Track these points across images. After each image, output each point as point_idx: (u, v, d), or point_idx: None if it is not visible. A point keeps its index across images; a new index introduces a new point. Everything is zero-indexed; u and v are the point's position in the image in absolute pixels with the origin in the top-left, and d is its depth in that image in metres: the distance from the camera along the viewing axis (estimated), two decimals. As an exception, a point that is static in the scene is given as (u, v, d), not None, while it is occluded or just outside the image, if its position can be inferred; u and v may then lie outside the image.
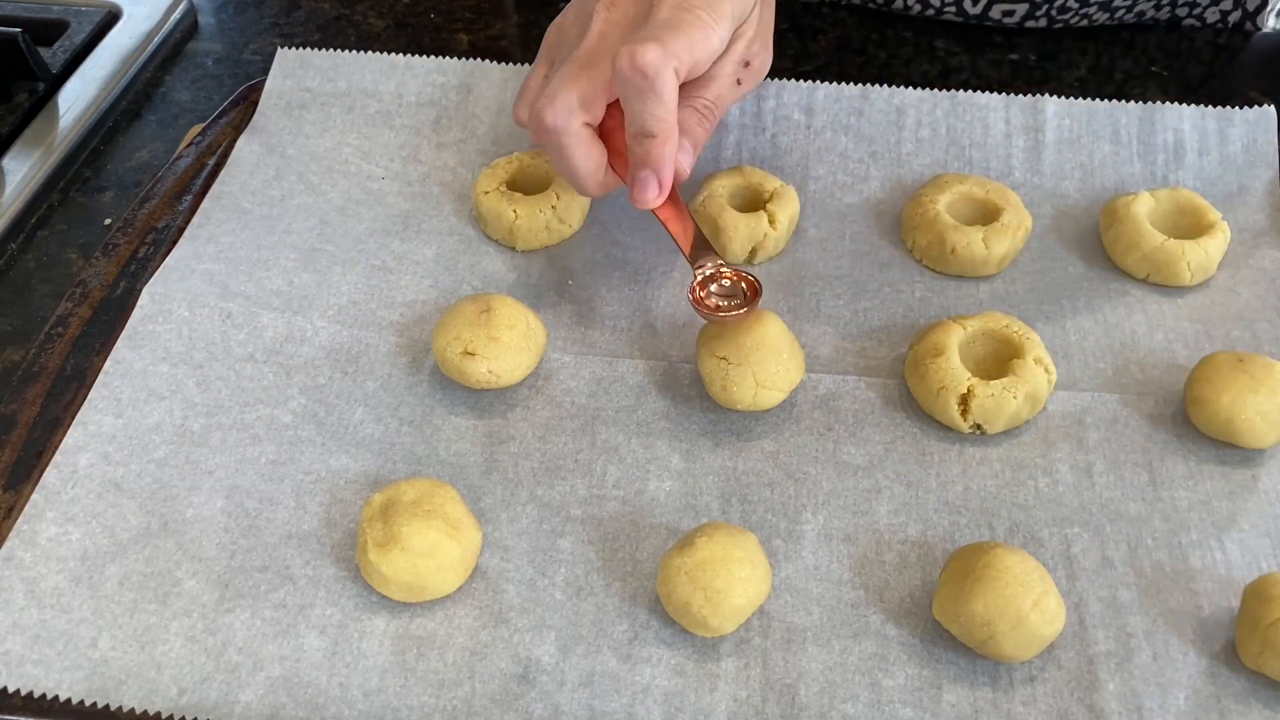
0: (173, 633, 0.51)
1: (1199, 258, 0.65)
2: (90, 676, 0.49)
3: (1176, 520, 0.56)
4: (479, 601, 0.53)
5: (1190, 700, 0.49)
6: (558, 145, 0.57)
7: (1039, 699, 0.49)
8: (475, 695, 0.50)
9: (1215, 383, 0.57)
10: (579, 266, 0.68)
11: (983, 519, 0.56)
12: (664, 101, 0.54)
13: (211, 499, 0.56)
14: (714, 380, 0.58)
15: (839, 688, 0.50)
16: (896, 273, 0.68)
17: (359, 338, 0.63)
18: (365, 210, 0.71)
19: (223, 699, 0.49)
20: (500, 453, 0.59)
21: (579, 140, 0.57)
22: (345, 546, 0.55)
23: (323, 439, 0.59)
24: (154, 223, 0.69)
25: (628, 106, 0.55)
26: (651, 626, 0.52)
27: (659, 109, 0.54)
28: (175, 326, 0.62)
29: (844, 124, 0.74)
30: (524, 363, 0.60)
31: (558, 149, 0.58)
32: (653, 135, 0.55)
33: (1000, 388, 0.58)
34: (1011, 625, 0.48)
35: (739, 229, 0.67)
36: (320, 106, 0.75)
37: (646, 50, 0.53)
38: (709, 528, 0.52)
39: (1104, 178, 0.72)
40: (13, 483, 0.56)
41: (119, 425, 0.58)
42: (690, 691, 0.50)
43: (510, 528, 0.56)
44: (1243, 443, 0.57)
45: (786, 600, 0.53)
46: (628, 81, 0.54)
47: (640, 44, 0.53)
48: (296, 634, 0.51)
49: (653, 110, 0.55)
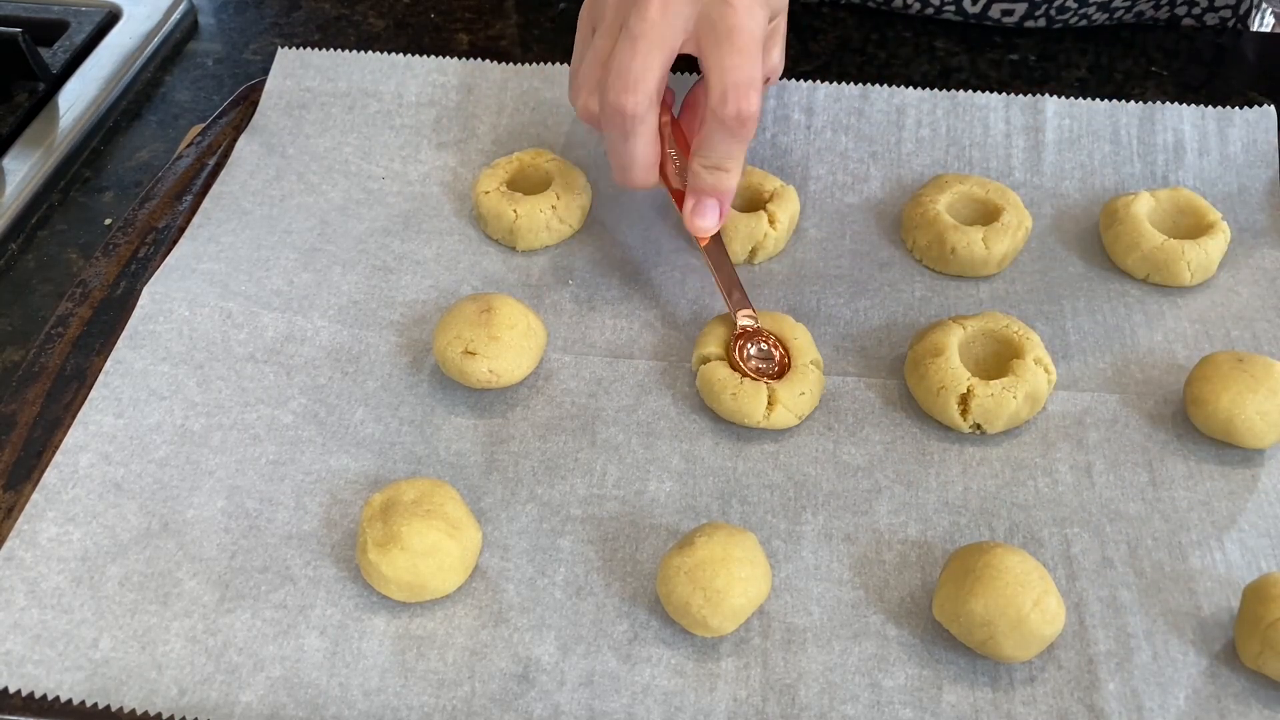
0: (173, 633, 0.51)
1: (1199, 258, 0.65)
2: (91, 677, 0.49)
3: (1176, 520, 0.56)
4: (479, 601, 0.53)
5: (1190, 700, 0.49)
6: (627, 132, 0.55)
7: (1039, 699, 0.49)
8: (475, 695, 0.50)
9: (1215, 383, 0.57)
10: (579, 266, 0.68)
11: (982, 519, 0.56)
12: (747, 143, 0.55)
13: (212, 499, 0.56)
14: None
15: (839, 688, 0.50)
16: (896, 273, 0.68)
17: (359, 337, 0.63)
18: (365, 210, 0.71)
19: (223, 699, 0.49)
20: (500, 452, 0.59)
21: (650, 130, 0.56)
22: (345, 547, 0.55)
23: (323, 439, 0.59)
24: (154, 222, 0.69)
25: (711, 139, 0.55)
26: (651, 626, 0.52)
27: (742, 149, 0.55)
28: (176, 326, 0.62)
29: (844, 124, 0.74)
30: (524, 362, 0.60)
31: (625, 136, 0.56)
32: (727, 170, 0.56)
33: (1000, 388, 0.58)
34: (1011, 625, 0.48)
35: (739, 229, 0.67)
36: (320, 106, 0.75)
37: (753, 99, 0.53)
38: (709, 528, 0.52)
39: (1104, 178, 0.72)
40: (13, 483, 0.56)
41: (119, 425, 0.58)
42: (690, 691, 0.50)
43: (510, 527, 0.56)
44: (1242, 443, 0.57)
45: (786, 600, 0.53)
46: (724, 124, 0.54)
47: (746, 90, 0.53)
48: (297, 634, 0.51)
49: (737, 151, 0.55)
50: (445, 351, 0.59)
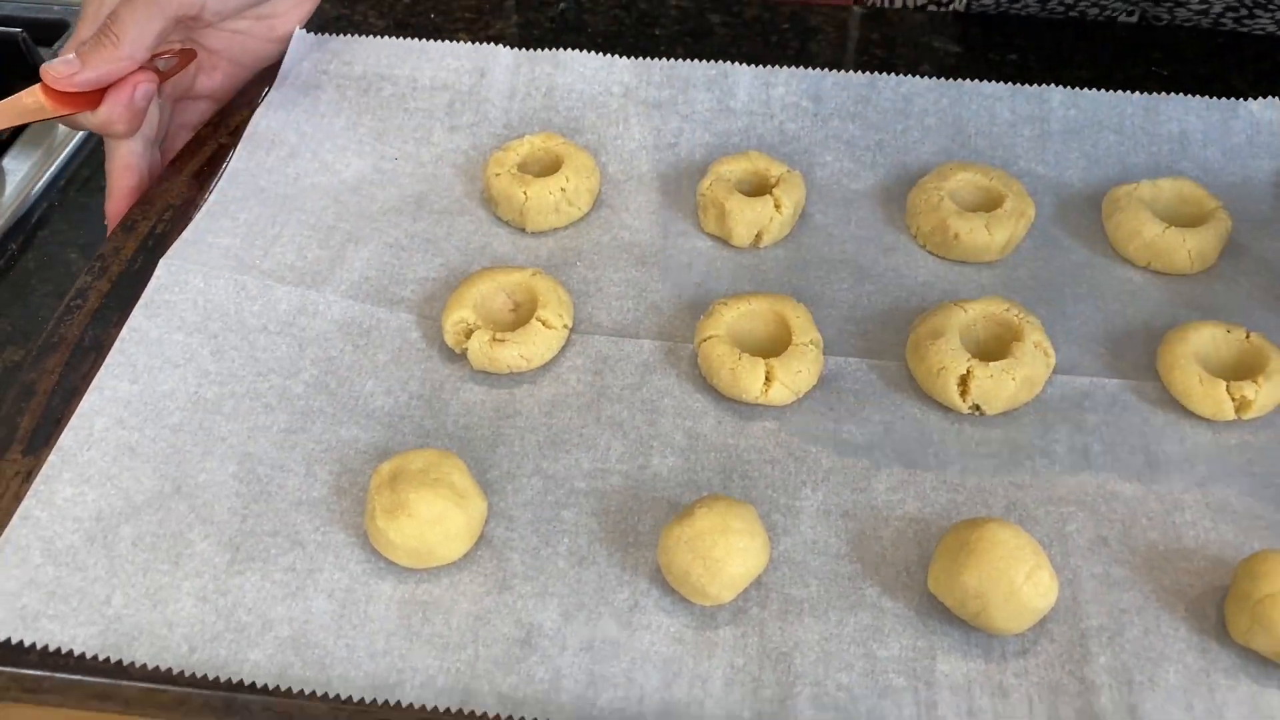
0: (184, 592, 0.52)
1: (1199, 245, 0.66)
2: (104, 632, 0.51)
3: (1171, 501, 0.56)
4: (484, 569, 0.54)
5: (1180, 674, 0.50)
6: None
7: (1031, 671, 0.50)
8: (479, 658, 0.51)
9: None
10: (587, 247, 0.69)
11: (979, 497, 0.57)
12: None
13: (224, 465, 0.57)
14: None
15: (834, 657, 0.51)
16: (900, 258, 0.69)
17: (371, 313, 0.64)
18: (378, 190, 0.72)
19: (232, 657, 0.50)
20: (507, 427, 0.60)
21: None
22: (354, 514, 0.56)
23: (334, 410, 0.60)
24: (171, 199, 0.70)
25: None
26: (652, 595, 0.53)
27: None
28: (190, 297, 0.63)
29: (851, 112, 0.75)
30: (554, 346, 0.62)
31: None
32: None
33: (999, 369, 0.59)
34: (1004, 597, 0.49)
35: (744, 212, 0.68)
36: (335, 88, 0.76)
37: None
38: (709, 499, 0.53)
39: (1108, 167, 0.72)
40: (32, 448, 0.58)
41: (134, 391, 0.59)
42: (688, 658, 0.51)
43: (515, 499, 0.57)
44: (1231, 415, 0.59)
45: (784, 572, 0.54)
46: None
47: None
48: (305, 596, 0.53)
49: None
50: (474, 343, 0.61)
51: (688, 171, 0.73)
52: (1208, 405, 0.58)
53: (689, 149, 0.74)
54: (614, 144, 0.74)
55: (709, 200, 0.69)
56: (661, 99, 0.75)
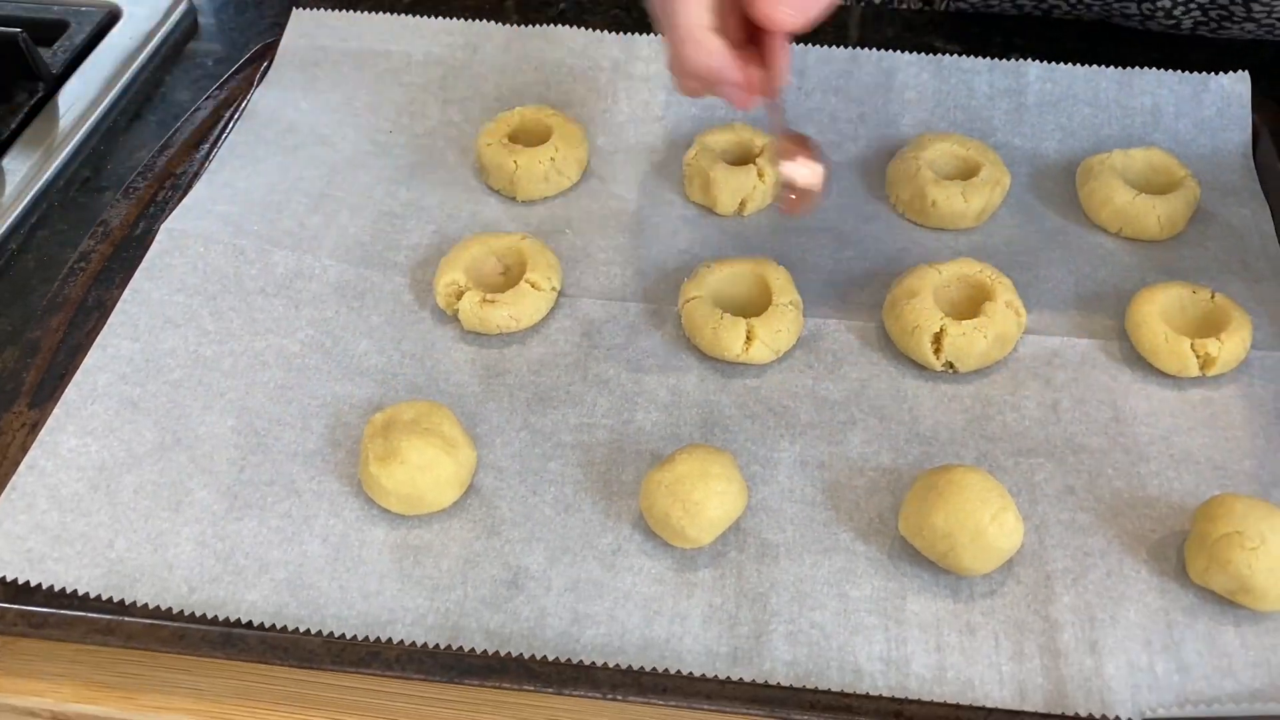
0: (184, 537, 0.54)
1: (1168, 212, 0.68)
2: (107, 574, 0.53)
3: (1137, 453, 0.58)
4: (473, 515, 0.56)
5: (1140, 612, 0.52)
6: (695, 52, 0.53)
7: (997, 610, 0.52)
8: (467, 598, 0.53)
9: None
10: (576, 216, 0.71)
11: (951, 449, 0.59)
12: None
13: (222, 418, 0.59)
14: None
15: (809, 597, 0.53)
16: (880, 226, 0.71)
17: (365, 276, 0.67)
18: (374, 161, 0.74)
19: (230, 597, 0.52)
20: (496, 384, 0.62)
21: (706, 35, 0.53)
22: (348, 465, 0.58)
23: (329, 367, 0.62)
24: (173, 169, 0.72)
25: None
26: (634, 540, 0.55)
27: None
28: (190, 260, 0.65)
29: (834, 86, 0.77)
30: (542, 308, 0.64)
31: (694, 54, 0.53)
32: None
33: (971, 327, 0.61)
34: (971, 538, 0.51)
35: (728, 181, 0.70)
36: (333, 64, 0.78)
37: None
38: (689, 447, 0.55)
39: (1083, 139, 0.74)
40: (36, 402, 0.60)
41: (136, 349, 0.61)
42: (669, 597, 0.53)
43: (504, 451, 0.59)
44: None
45: (762, 519, 0.56)
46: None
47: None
48: (300, 541, 0.55)
49: None
50: (464, 304, 0.63)
51: (674, 143, 0.75)
52: (1173, 362, 0.60)
53: (675, 122, 0.76)
54: (603, 117, 0.76)
55: (694, 170, 0.71)
56: (649, 73, 0.77)
